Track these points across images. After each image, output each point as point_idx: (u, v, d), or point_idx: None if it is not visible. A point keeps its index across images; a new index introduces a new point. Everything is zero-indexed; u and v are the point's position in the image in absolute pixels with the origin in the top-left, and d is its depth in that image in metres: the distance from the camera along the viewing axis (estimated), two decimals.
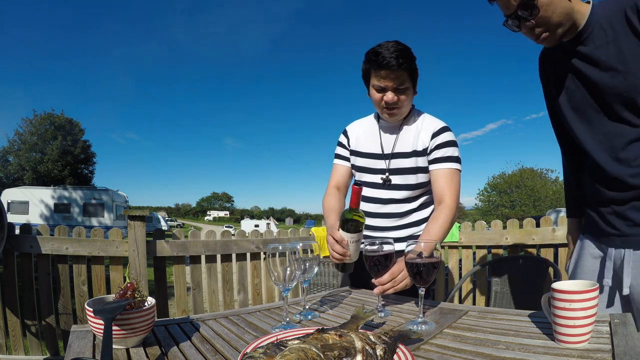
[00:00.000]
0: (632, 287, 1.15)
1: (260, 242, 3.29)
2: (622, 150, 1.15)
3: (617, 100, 1.12)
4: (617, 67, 1.10)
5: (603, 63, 1.12)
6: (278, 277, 1.06)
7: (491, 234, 2.97)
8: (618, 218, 1.19)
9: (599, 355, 0.76)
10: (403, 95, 1.47)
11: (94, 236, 2.76)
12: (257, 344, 0.82)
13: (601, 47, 1.12)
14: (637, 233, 1.15)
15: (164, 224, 40.37)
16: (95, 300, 0.96)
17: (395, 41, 1.44)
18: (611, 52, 1.10)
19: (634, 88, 1.09)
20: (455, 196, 1.47)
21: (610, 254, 1.21)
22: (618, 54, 1.09)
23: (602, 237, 1.25)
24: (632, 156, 1.13)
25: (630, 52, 1.08)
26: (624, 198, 1.16)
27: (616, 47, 1.10)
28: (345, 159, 1.71)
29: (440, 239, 1.38)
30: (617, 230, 1.19)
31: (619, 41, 1.09)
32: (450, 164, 1.49)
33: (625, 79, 1.09)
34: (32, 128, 27.01)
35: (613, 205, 1.19)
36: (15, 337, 2.65)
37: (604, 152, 1.18)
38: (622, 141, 1.14)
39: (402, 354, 0.79)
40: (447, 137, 1.52)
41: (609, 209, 1.21)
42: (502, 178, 38.65)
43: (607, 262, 1.22)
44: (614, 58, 1.10)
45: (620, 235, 1.19)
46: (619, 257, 1.19)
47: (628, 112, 1.12)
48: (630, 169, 1.14)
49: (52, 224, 14.21)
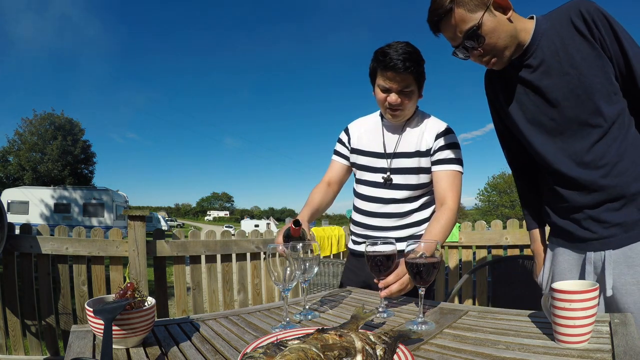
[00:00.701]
0: (614, 288, 1.14)
1: (260, 242, 3.28)
2: (586, 153, 1.14)
3: (575, 104, 1.12)
4: (569, 72, 1.11)
5: (556, 70, 1.13)
6: (278, 277, 1.06)
7: (491, 234, 2.97)
8: (594, 222, 1.17)
9: (599, 355, 0.76)
10: (407, 98, 1.47)
11: (94, 236, 2.76)
12: (257, 344, 0.82)
13: (551, 56, 1.14)
14: (615, 233, 1.15)
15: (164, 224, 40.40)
16: (95, 300, 0.96)
17: (406, 42, 1.43)
18: (562, 58, 1.12)
19: (590, 88, 1.10)
20: (457, 198, 1.49)
21: (590, 257, 1.19)
22: (569, 59, 1.11)
23: (579, 243, 1.22)
24: (597, 157, 1.13)
25: (580, 54, 1.10)
26: (598, 200, 1.15)
27: (566, 52, 1.11)
28: (342, 157, 1.71)
29: (441, 240, 1.39)
30: (594, 233, 1.18)
31: (568, 46, 1.11)
32: (452, 166, 1.50)
33: (580, 80, 1.10)
34: (32, 128, 27.03)
35: (586, 210, 1.18)
36: (15, 337, 2.65)
37: (568, 159, 1.18)
38: (584, 144, 1.14)
39: (402, 354, 0.79)
40: (451, 139, 1.53)
41: (582, 215, 1.19)
42: (502, 178, 38.67)
43: (587, 266, 1.20)
44: (565, 63, 1.11)
45: (598, 238, 1.17)
46: (599, 259, 1.17)
47: (587, 114, 1.12)
48: (598, 170, 1.14)
49: (52, 224, 14.19)
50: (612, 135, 1.13)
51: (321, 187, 1.68)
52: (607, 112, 1.11)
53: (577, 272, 1.24)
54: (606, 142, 1.13)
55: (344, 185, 1.77)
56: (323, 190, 1.66)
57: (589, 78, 1.10)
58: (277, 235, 1.36)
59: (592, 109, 1.11)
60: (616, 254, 1.14)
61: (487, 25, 1.11)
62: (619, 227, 1.14)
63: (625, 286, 1.13)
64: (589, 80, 1.10)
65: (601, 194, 1.15)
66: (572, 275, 1.25)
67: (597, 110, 1.11)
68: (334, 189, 1.71)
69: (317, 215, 1.60)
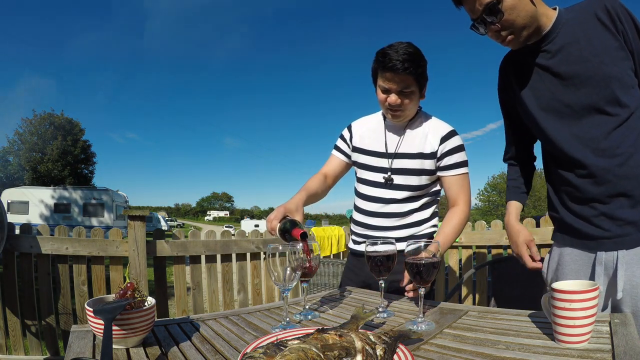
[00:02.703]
0: (624, 291, 1.11)
1: (260, 242, 3.28)
2: (603, 139, 1.13)
3: (593, 91, 1.13)
4: (590, 59, 1.12)
5: (575, 56, 1.14)
6: (278, 277, 1.06)
7: (491, 234, 2.97)
8: (607, 219, 1.14)
9: (599, 355, 0.76)
10: (407, 98, 1.46)
11: (94, 236, 2.76)
12: (257, 344, 0.82)
13: (572, 44, 1.15)
14: (629, 232, 1.12)
15: (164, 224, 40.37)
16: (95, 300, 0.96)
17: (407, 43, 1.43)
18: (583, 47, 1.13)
19: (609, 76, 1.10)
20: (468, 199, 1.55)
21: (601, 258, 1.15)
22: (590, 47, 1.12)
23: (589, 241, 1.19)
24: (614, 144, 1.12)
25: (602, 44, 1.11)
26: (611, 193, 1.13)
27: (588, 41, 1.13)
28: (342, 153, 1.71)
29: (453, 240, 1.48)
30: (606, 231, 1.15)
31: (590, 36, 1.13)
32: (461, 169, 1.54)
33: (600, 68, 1.11)
34: (32, 128, 27.02)
35: (597, 205, 1.15)
36: (15, 337, 2.65)
37: (583, 145, 1.16)
38: (601, 131, 1.13)
39: (402, 354, 0.79)
40: (456, 142, 1.54)
41: (594, 211, 1.16)
42: (502, 178, 38.64)
43: (597, 267, 1.16)
44: (586, 51, 1.13)
45: (611, 237, 1.14)
46: (611, 260, 1.14)
47: (605, 101, 1.12)
48: (614, 159, 1.12)
49: (52, 224, 14.19)
50: (629, 125, 1.12)
51: (318, 177, 1.67)
52: (625, 102, 1.11)
53: (585, 273, 1.20)
54: (623, 131, 1.12)
55: (338, 181, 1.76)
56: (320, 180, 1.65)
57: (608, 66, 1.11)
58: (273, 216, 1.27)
59: (610, 97, 1.11)
60: (629, 255, 1.12)
61: (508, 2, 1.12)
62: (633, 225, 1.12)
63: (637, 288, 1.10)
64: (609, 69, 1.10)
65: (615, 185, 1.12)
66: (580, 276, 1.20)
67: (614, 98, 1.11)
68: (329, 183, 1.70)
69: (311, 201, 1.57)
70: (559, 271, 1.27)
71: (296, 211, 1.31)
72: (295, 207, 1.33)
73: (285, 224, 1.22)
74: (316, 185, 1.61)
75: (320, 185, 1.63)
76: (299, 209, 1.33)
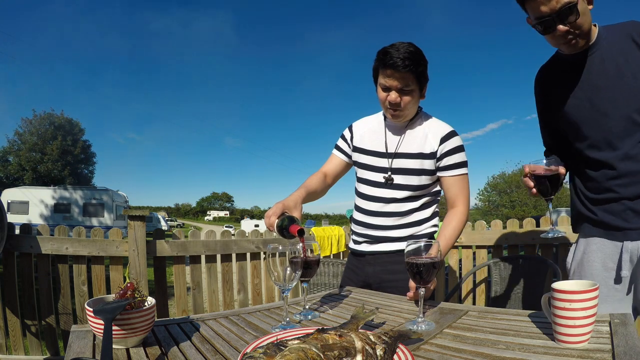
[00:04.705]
0: None
1: (260, 242, 3.29)
2: (632, 148, 1.25)
3: (627, 104, 1.23)
4: (626, 74, 1.25)
5: (613, 71, 1.25)
6: (278, 277, 1.06)
7: (491, 234, 2.97)
8: (633, 213, 1.27)
9: (599, 355, 0.76)
10: (407, 96, 1.47)
11: (94, 236, 2.76)
12: (257, 344, 0.82)
13: (610, 59, 1.25)
14: None
15: (164, 224, 40.37)
16: (95, 300, 0.96)
17: (409, 43, 1.45)
18: (620, 63, 1.24)
19: None
20: (467, 200, 1.57)
21: (627, 247, 1.28)
22: (626, 64, 1.23)
23: (616, 232, 1.31)
24: None
25: (636, 63, 1.23)
26: (637, 193, 1.25)
27: (625, 59, 1.24)
28: (343, 153, 1.72)
29: (454, 242, 1.51)
30: (632, 223, 1.27)
31: (627, 54, 1.24)
32: (460, 170, 1.55)
33: (634, 84, 1.21)
34: (32, 128, 27.03)
35: (625, 201, 1.27)
36: (15, 337, 2.65)
37: (614, 150, 1.27)
38: (633, 139, 1.25)
39: (402, 354, 0.79)
40: (456, 143, 1.54)
41: (621, 206, 1.28)
42: (502, 178, 38.64)
43: (623, 255, 1.29)
44: (623, 67, 1.24)
45: (636, 228, 1.27)
46: (636, 248, 1.27)
47: (638, 114, 1.23)
48: None
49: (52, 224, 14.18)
50: None
51: (318, 175, 1.68)
52: None
53: (613, 260, 1.32)
54: None
55: (338, 180, 1.77)
56: (320, 179, 1.67)
57: None
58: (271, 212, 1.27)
59: None
60: None
61: (581, 6, 1.19)
62: None
63: None
64: None
65: None
66: (607, 263, 1.33)
67: None
68: (328, 182, 1.72)
69: (310, 199, 1.58)
70: (585, 259, 1.38)
71: (294, 208, 1.32)
72: (294, 204, 1.34)
73: (283, 221, 1.22)
74: (316, 184, 1.62)
75: (319, 184, 1.64)
76: (297, 206, 1.34)
